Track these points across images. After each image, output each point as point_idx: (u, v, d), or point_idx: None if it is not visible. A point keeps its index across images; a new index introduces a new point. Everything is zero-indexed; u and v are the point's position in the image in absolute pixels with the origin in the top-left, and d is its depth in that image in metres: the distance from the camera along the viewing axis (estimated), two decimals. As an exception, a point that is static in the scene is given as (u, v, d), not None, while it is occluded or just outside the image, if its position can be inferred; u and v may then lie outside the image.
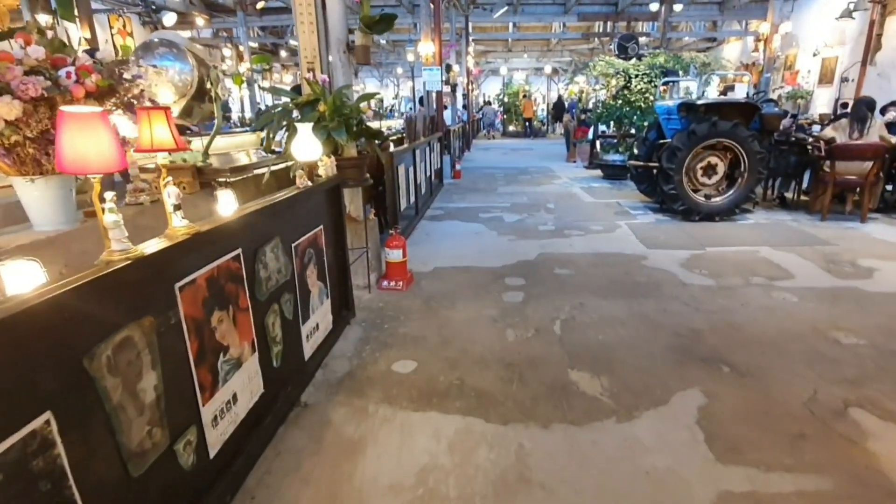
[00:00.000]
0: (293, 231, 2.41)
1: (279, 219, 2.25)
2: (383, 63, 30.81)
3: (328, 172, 2.91)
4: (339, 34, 3.59)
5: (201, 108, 3.60)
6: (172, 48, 3.36)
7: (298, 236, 2.45)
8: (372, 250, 3.76)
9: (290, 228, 2.37)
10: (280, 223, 2.25)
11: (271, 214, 2.14)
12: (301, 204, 2.50)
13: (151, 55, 3.35)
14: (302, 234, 2.49)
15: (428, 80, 9.57)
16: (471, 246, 4.94)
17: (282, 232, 2.25)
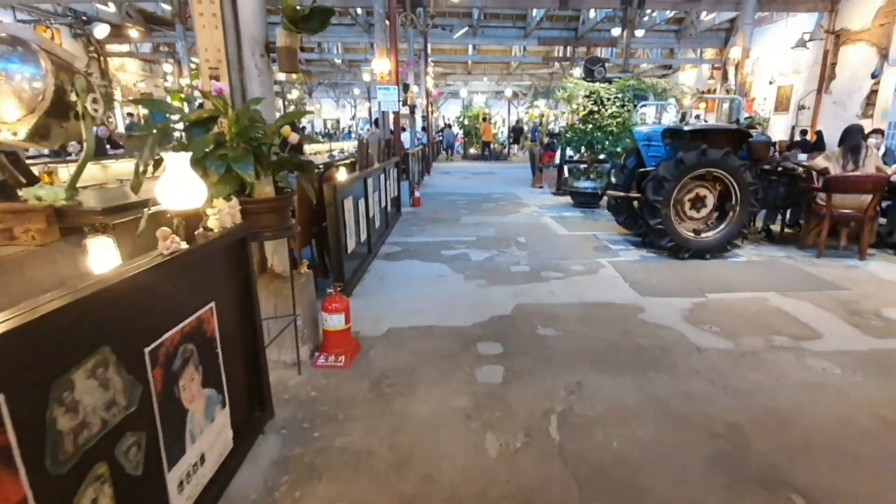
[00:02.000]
0: (148, 327, 1.49)
1: (112, 315, 1.34)
2: (339, 83, 30.00)
3: (225, 223, 2.00)
4: (255, 32, 2.71)
5: (64, 127, 2.65)
6: (17, 46, 2.41)
7: (160, 332, 1.54)
8: (304, 316, 2.85)
9: (139, 325, 1.45)
10: (115, 322, 1.34)
11: (88, 313, 1.23)
12: (169, 279, 1.59)
13: (-15, 54, 2.40)
14: (168, 327, 1.58)
15: (383, 100, 8.76)
16: (433, 295, 4.07)
17: (119, 336, 1.34)
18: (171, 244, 1.60)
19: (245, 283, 2.15)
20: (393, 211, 7.26)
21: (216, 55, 2.68)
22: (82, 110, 2.58)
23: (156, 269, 1.50)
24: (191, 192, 1.75)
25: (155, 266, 1.50)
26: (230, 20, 2.68)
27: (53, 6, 13.77)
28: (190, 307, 1.72)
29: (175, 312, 1.63)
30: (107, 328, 1.30)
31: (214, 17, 2.62)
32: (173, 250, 1.60)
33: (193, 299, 1.75)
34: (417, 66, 16.62)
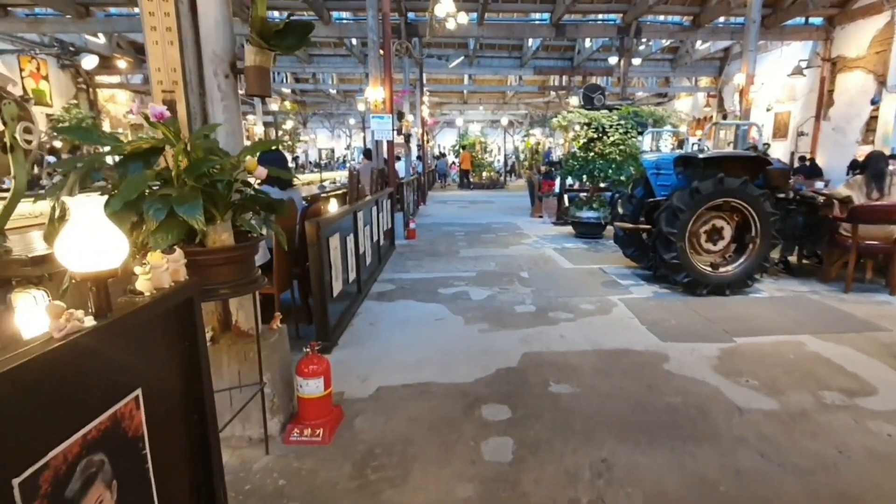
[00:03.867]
0: (22, 444, 1.04)
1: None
2: (334, 114, 29.96)
3: (162, 282, 1.56)
4: (219, 48, 2.31)
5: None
6: None
7: (43, 450, 1.08)
8: (275, 381, 2.38)
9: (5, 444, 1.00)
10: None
11: None
12: (62, 372, 1.14)
13: None
14: (59, 439, 1.12)
15: (377, 129, 8.43)
16: (430, 343, 3.60)
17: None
18: (65, 324, 1.16)
19: (190, 355, 1.70)
20: (386, 244, 6.84)
21: (171, 75, 2.28)
22: (10, 140, 2.17)
23: (38, 361, 1.05)
24: (105, 247, 1.31)
25: (35, 359, 1.05)
26: (189, 35, 2.28)
27: (39, 37, 13.53)
28: (99, 402, 1.27)
29: (73, 415, 1.18)
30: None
31: (169, 32, 2.23)
32: (69, 332, 1.16)
33: (106, 391, 1.30)
34: (413, 95, 16.44)
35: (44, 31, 12.73)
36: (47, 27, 12.28)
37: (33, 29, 12.40)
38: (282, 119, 25.31)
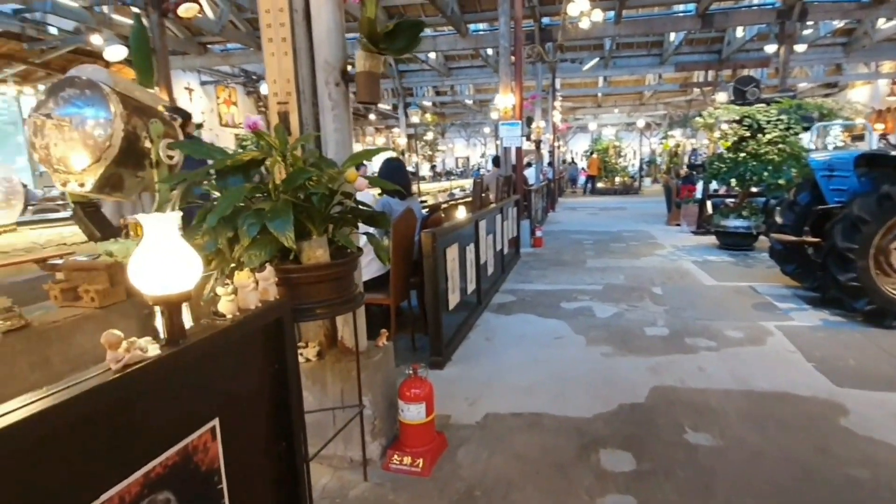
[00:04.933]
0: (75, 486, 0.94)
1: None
2: (471, 123, 30.37)
3: (249, 302, 1.46)
4: (331, 55, 2.22)
5: (139, 177, 2.34)
6: (85, 90, 2.13)
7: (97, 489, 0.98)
8: (377, 403, 2.23)
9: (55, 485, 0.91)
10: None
11: None
12: (121, 405, 1.04)
13: (57, 100, 2.15)
14: (116, 479, 1.02)
15: (506, 136, 8.18)
16: (546, 365, 3.26)
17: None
18: (124, 354, 1.06)
19: (280, 379, 1.59)
20: (511, 252, 6.56)
21: (285, 87, 2.23)
22: (155, 156, 2.26)
23: (91, 395, 0.96)
24: (177, 268, 1.22)
25: (88, 392, 0.95)
26: (303, 44, 2.22)
27: (231, 68, 15.42)
28: (167, 436, 1.17)
29: (133, 452, 1.09)
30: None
31: (284, 42, 2.18)
32: (128, 363, 1.06)
33: (175, 423, 1.20)
34: (545, 100, 15.99)
35: (233, 63, 14.40)
36: (235, 59, 13.84)
37: (225, 62, 14.08)
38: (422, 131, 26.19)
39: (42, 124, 2.10)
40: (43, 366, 1.83)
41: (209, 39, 13.03)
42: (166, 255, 1.20)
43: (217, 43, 13.41)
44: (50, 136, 2.11)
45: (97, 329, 2.11)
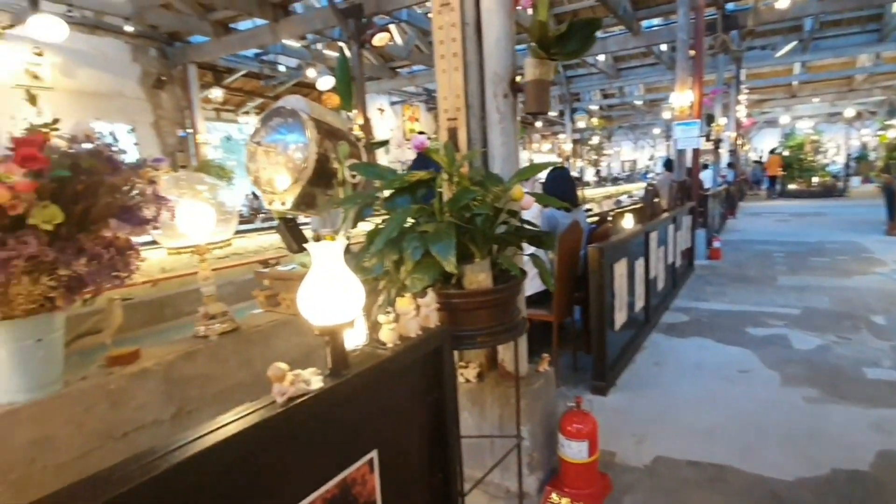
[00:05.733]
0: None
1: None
2: (639, 125, 28.38)
3: (409, 330, 1.39)
4: (499, 67, 2.08)
5: (329, 195, 2.47)
6: (288, 118, 2.30)
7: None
8: (536, 433, 2.05)
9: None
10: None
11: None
12: (283, 440, 1.02)
13: (266, 129, 2.35)
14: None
15: (681, 137, 7.36)
16: (729, 404, 2.76)
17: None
18: (289, 387, 1.04)
19: (437, 409, 1.50)
20: (683, 265, 5.86)
21: (455, 102, 2.16)
22: (342, 176, 2.37)
23: (255, 430, 0.94)
24: (342, 298, 1.18)
25: (253, 427, 0.94)
26: (473, 57, 2.12)
27: (415, 88, 16.52)
28: (327, 469, 1.14)
29: (295, 485, 1.06)
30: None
31: (455, 57, 2.11)
32: (292, 396, 1.04)
33: (336, 455, 1.17)
34: (727, 95, 14.17)
35: (417, 84, 15.39)
36: (420, 80, 14.76)
37: (411, 83, 15.10)
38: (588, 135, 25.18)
39: (254, 151, 2.30)
40: (247, 365, 1.99)
41: (398, 64, 13.99)
42: (332, 283, 1.17)
43: (405, 66, 14.34)
44: (260, 161, 2.30)
45: (291, 333, 2.28)
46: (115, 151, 1.48)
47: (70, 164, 1.33)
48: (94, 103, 8.77)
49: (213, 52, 9.85)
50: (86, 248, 1.36)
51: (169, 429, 1.55)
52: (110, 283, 1.43)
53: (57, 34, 6.70)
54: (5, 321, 1.24)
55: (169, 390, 1.57)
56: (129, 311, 1.79)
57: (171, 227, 1.84)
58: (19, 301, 1.24)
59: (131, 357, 1.53)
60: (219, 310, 1.91)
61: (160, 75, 9.83)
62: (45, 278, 1.27)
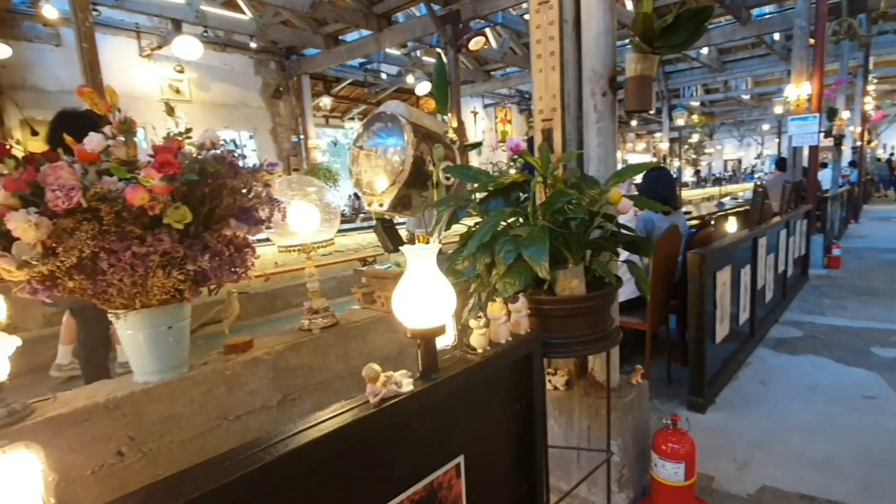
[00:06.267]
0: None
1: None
2: (745, 121, 26.00)
3: (500, 336, 1.34)
4: (598, 63, 1.96)
5: (423, 196, 2.50)
6: (387, 122, 2.36)
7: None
8: (626, 448, 1.92)
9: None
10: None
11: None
12: (372, 440, 1.03)
13: (368, 134, 2.43)
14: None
15: (797, 133, 6.59)
16: (850, 433, 2.42)
17: None
18: (381, 388, 1.04)
19: (525, 418, 1.45)
20: (796, 274, 5.25)
21: (550, 102, 2.07)
22: (436, 179, 2.39)
23: (348, 429, 0.95)
24: (435, 301, 1.16)
25: (346, 426, 0.95)
26: (571, 55, 2.02)
27: (508, 90, 16.42)
28: (415, 470, 1.13)
29: (384, 484, 1.07)
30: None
31: (552, 56, 2.02)
32: (384, 397, 1.04)
33: (424, 458, 1.15)
34: (852, 85, 12.54)
35: (510, 86, 15.28)
36: (513, 82, 14.65)
37: (504, 85, 15.03)
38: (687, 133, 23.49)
39: (357, 154, 2.37)
40: (345, 358, 2.05)
41: (492, 66, 13.94)
42: (424, 288, 1.16)
43: (498, 69, 14.27)
44: (362, 164, 2.36)
45: (386, 330, 2.33)
46: (236, 157, 1.57)
47: (199, 169, 1.43)
48: (223, 113, 9.63)
49: (323, 63, 10.42)
50: (210, 246, 1.46)
51: (275, 414, 1.63)
52: (229, 278, 1.53)
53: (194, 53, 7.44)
54: (143, 309, 1.36)
55: (276, 378, 1.65)
56: (246, 303, 1.91)
57: (283, 227, 1.94)
58: (155, 292, 1.36)
59: (245, 346, 1.63)
60: (321, 305, 1.98)
61: (278, 86, 10.58)
62: (175, 272, 1.38)
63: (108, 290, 1.29)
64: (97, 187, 1.27)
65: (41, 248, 1.20)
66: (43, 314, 2.95)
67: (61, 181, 1.23)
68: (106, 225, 1.27)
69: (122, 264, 1.28)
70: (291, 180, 2.20)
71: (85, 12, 3.86)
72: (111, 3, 6.78)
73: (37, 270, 1.19)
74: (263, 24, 8.74)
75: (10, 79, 6.86)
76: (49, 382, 2.86)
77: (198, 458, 0.84)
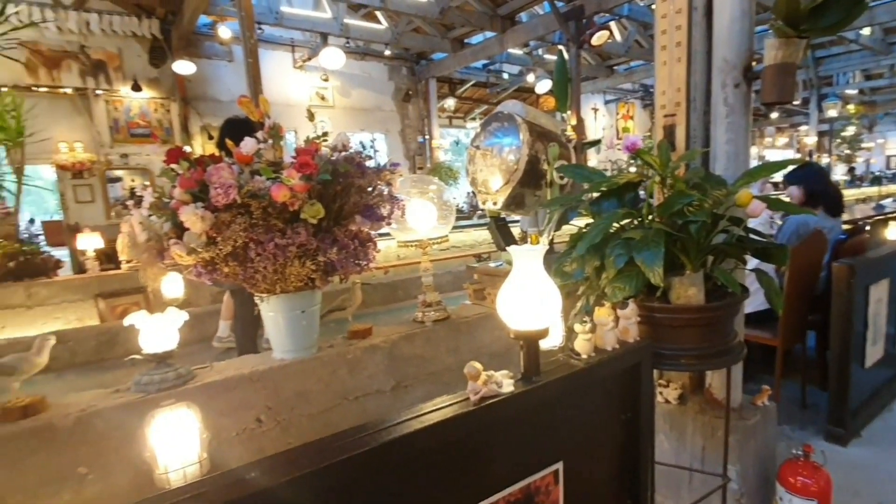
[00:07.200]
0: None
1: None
2: (921, 109, 21.49)
3: (606, 342, 1.25)
4: (730, 52, 1.71)
5: (537, 195, 2.45)
6: (504, 122, 2.33)
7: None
8: (747, 477, 1.68)
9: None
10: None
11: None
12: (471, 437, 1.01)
13: (485, 133, 2.43)
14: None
15: None
16: None
17: None
18: (482, 387, 1.02)
19: (630, 430, 1.33)
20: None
21: (674, 97, 1.88)
22: (550, 178, 2.31)
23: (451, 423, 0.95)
24: (539, 303, 1.11)
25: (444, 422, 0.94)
26: (699, 45, 1.81)
27: (631, 85, 15.41)
28: (512, 471, 1.09)
29: (483, 481, 1.05)
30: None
31: (678, 47, 1.83)
32: (484, 395, 1.02)
33: (521, 460, 1.11)
34: None
35: (634, 80, 14.33)
36: (637, 76, 13.71)
37: (628, 80, 14.13)
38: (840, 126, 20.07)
39: (473, 154, 2.37)
40: (455, 351, 2.07)
41: (615, 61, 13.15)
42: (529, 289, 1.12)
43: (622, 63, 13.42)
44: (478, 163, 2.35)
45: (494, 327, 2.31)
46: (363, 157, 1.65)
47: (332, 169, 1.52)
48: (360, 117, 10.29)
49: (450, 67, 10.63)
50: (338, 239, 1.55)
51: (389, 399, 1.70)
52: (354, 269, 1.62)
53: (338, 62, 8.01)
54: (282, 294, 1.49)
55: (391, 366, 1.72)
56: (369, 292, 2.01)
57: (402, 223, 2.00)
58: (292, 279, 1.48)
59: (366, 333, 1.72)
60: (434, 299, 2.02)
61: (408, 90, 11.02)
62: (309, 262, 1.49)
63: (255, 276, 1.44)
64: (249, 185, 1.41)
65: (205, 237, 1.36)
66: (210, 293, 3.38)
67: (222, 180, 1.38)
68: (255, 219, 1.40)
69: (266, 253, 1.42)
70: (413, 179, 2.26)
71: (251, 31, 4.33)
72: (272, 21, 7.55)
73: (201, 256, 1.37)
74: (397, 33, 9.13)
75: (193, 91, 8.01)
76: (211, 352, 3.28)
77: (323, 432, 0.89)
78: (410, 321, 1.93)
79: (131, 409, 1.23)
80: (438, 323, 1.98)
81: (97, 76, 7.08)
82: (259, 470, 0.77)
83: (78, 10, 6.65)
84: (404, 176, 1.95)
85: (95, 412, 1.22)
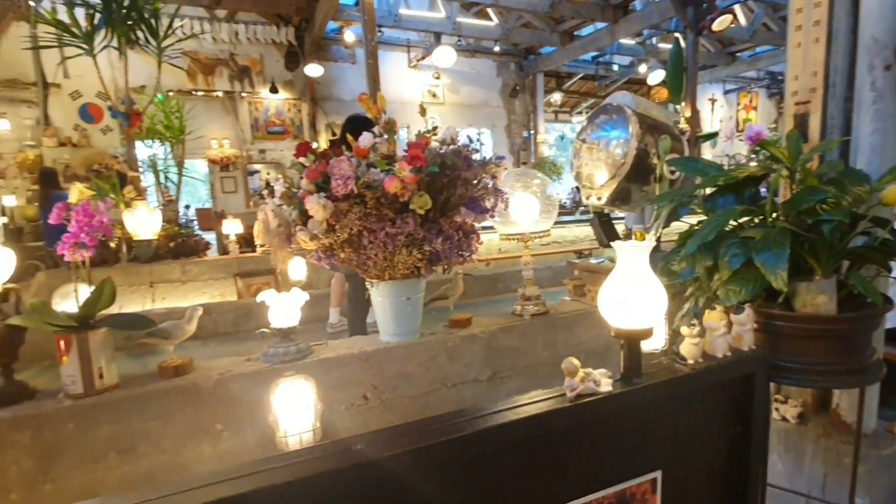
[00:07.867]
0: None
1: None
2: None
3: (717, 349, 1.13)
4: (879, 29, 1.43)
5: (644, 191, 2.31)
6: (612, 114, 2.22)
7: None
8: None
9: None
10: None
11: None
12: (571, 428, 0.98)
13: (592, 126, 2.33)
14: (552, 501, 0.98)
15: None
16: None
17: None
18: (579, 384, 0.98)
19: (740, 445, 1.21)
20: None
21: (809, 82, 1.63)
22: (660, 173, 2.17)
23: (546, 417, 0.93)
24: (643, 303, 1.04)
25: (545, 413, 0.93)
26: (842, 23, 1.54)
27: (756, 73, 13.73)
28: (607, 474, 1.05)
29: (576, 479, 1.01)
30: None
31: (817, 27, 1.58)
32: (580, 393, 0.98)
33: (616, 463, 1.06)
34: None
35: (759, 67, 12.76)
36: (763, 63, 12.17)
37: (752, 67, 12.62)
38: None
39: (579, 147, 2.27)
40: (551, 346, 2.02)
41: (738, 48, 11.79)
42: (633, 286, 1.05)
43: (746, 49, 11.98)
44: (583, 157, 2.25)
45: (593, 325, 2.22)
46: (469, 151, 1.66)
47: (440, 162, 1.56)
48: (468, 112, 10.39)
49: (558, 60, 10.29)
50: (443, 230, 1.59)
51: (485, 388, 1.72)
52: (457, 259, 1.65)
53: (449, 60, 8.14)
54: (390, 281, 1.57)
55: (488, 356, 1.73)
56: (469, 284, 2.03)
57: (505, 216, 1.99)
58: (399, 267, 1.55)
59: (466, 322, 1.74)
60: (534, 293, 1.99)
61: (515, 85, 10.89)
62: (415, 251, 1.54)
63: (367, 262, 1.53)
64: (365, 177, 1.50)
65: (325, 225, 1.48)
66: (328, 276, 3.64)
67: (342, 171, 1.48)
68: (369, 208, 1.49)
69: (377, 241, 1.50)
70: (518, 172, 2.23)
71: (372, 34, 4.57)
72: (391, 23, 7.89)
73: (321, 242, 1.48)
74: (507, 29, 9.04)
75: (321, 92, 8.66)
76: (325, 332, 3.51)
77: (422, 414, 0.93)
78: (509, 314, 1.92)
79: (259, 377, 1.38)
80: (536, 317, 1.95)
81: (242, 80, 7.97)
82: (365, 442, 0.82)
83: (229, 22, 7.52)
84: (508, 170, 1.94)
85: (231, 377, 1.39)
